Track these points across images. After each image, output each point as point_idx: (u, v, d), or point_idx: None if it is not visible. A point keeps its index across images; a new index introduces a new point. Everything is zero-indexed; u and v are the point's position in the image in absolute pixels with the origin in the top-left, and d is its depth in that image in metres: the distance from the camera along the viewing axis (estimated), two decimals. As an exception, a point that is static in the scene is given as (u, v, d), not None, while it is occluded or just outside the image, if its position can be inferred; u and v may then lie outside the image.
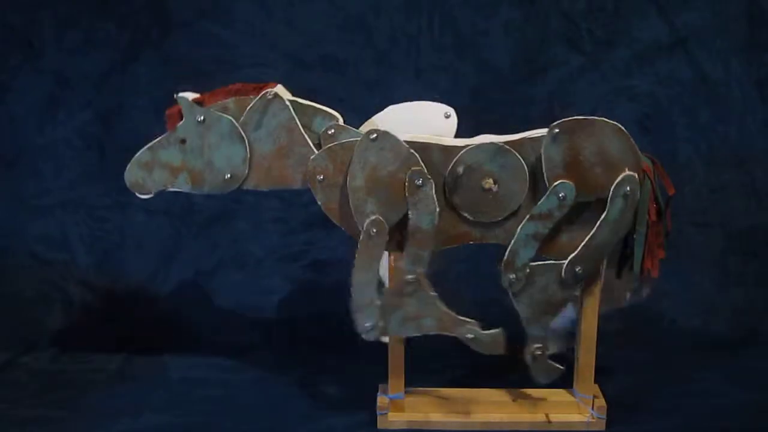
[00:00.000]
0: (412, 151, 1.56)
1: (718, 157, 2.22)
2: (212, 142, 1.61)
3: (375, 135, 1.56)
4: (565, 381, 1.73)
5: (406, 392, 1.71)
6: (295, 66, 2.20)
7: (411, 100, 1.64)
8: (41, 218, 2.27)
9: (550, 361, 1.67)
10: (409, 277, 1.61)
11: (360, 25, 2.21)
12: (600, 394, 1.72)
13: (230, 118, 1.60)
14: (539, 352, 1.65)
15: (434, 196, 1.57)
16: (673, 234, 1.71)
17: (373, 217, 1.58)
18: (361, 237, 1.59)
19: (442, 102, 1.63)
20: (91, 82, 2.23)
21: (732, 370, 1.95)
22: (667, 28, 2.19)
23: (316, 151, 1.59)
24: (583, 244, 1.58)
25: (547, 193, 1.55)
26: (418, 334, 1.65)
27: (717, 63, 2.19)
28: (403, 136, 1.57)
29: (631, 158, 1.55)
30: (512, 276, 1.60)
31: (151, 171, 1.63)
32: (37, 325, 2.15)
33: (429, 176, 1.56)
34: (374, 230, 1.58)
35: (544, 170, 1.55)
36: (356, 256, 1.60)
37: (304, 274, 2.23)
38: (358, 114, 1.64)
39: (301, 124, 1.59)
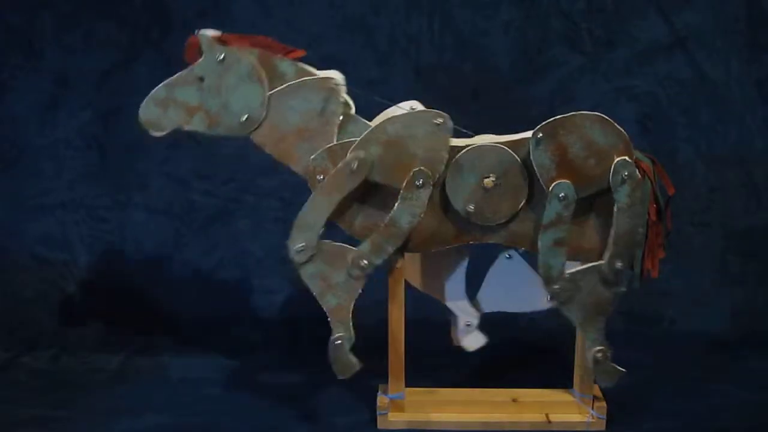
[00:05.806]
0: (444, 153, 1.55)
1: (718, 157, 2.22)
2: (231, 82, 1.56)
3: (441, 120, 1.54)
4: (565, 381, 1.74)
5: (406, 392, 1.71)
6: (295, 66, 2.20)
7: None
8: (41, 218, 2.27)
9: (613, 364, 1.65)
10: (364, 262, 1.59)
11: (360, 25, 2.21)
12: (600, 394, 1.72)
13: (251, 58, 1.55)
14: (600, 355, 1.64)
15: (425, 203, 1.56)
16: (673, 234, 1.71)
17: (363, 155, 1.55)
18: (339, 165, 1.55)
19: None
20: (91, 82, 2.23)
21: (732, 370, 1.95)
22: (667, 28, 2.18)
23: None
24: (610, 239, 1.57)
25: (549, 198, 1.55)
26: (314, 295, 1.62)
27: (717, 63, 2.19)
28: None
29: (619, 143, 1.54)
30: (556, 287, 1.59)
31: (167, 109, 1.58)
32: (37, 325, 2.15)
33: (431, 183, 1.56)
34: (356, 165, 1.55)
35: (538, 176, 1.55)
36: (327, 180, 1.56)
37: (304, 273, 2.22)
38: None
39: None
